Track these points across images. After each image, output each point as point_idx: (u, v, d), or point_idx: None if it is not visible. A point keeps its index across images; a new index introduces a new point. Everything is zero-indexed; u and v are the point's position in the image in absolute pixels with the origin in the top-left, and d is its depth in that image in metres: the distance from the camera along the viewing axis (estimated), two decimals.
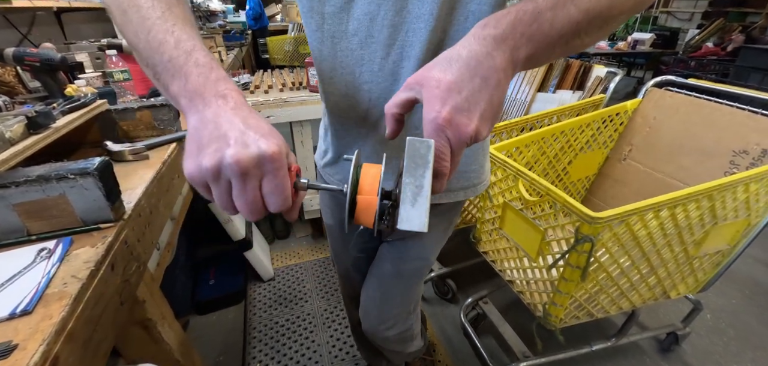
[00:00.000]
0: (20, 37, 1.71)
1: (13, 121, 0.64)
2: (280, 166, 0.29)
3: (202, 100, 0.30)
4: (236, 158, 0.27)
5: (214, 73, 0.32)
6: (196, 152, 0.29)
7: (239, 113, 0.30)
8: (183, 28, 0.34)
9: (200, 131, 0.29)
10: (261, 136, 0.28)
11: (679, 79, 1.20)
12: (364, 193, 0.32)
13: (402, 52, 0.49)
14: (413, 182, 0.29)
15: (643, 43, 4.83)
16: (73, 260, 0.50)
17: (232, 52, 2.69)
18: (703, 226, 0.84)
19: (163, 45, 0.33)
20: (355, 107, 0.56)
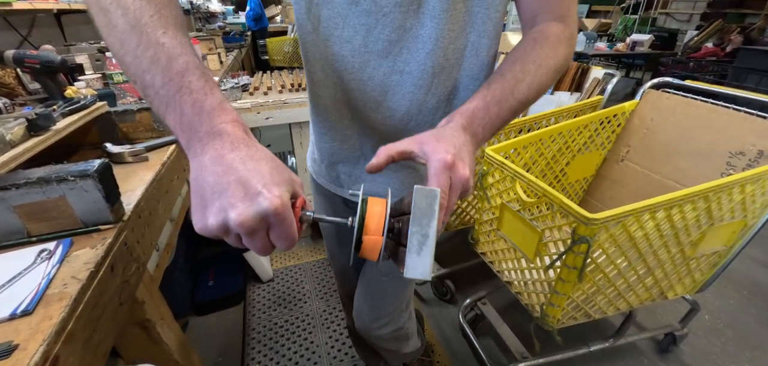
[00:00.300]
0: (20, 38, 1.71)
1: (13, 124, 0.65)
2: (283, 219, 0.28)
3: (199, 141, 0.29)
4: (240, 221, 0.27)
5: (209, 101, 0.30)
6: (201, 209, 0.28)
7: (238, 154, 0.28)
8: (175, 37, 0.31)
9: (201, 183, 0.28)
10: (263, 186, 0.27)
11: (676, 80, 1.21)
12: (371, 232, 0.33)
13: (396, 67, 0.49)
14: (419, 231, 0.30)
15: (642, 44, 4.84)
16: (73, 261, 0.51)
17: (231, 53, 2.69)
18: (700, 227, 0.85)
19: (153, 64, 0.29)
20: (341, 114, 0.57)
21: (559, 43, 0.46)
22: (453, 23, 0.47)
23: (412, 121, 0.54)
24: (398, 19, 0.46)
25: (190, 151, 0.30)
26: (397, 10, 0.46)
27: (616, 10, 8.24)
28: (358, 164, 0.62)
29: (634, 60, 5.63)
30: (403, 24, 0.47)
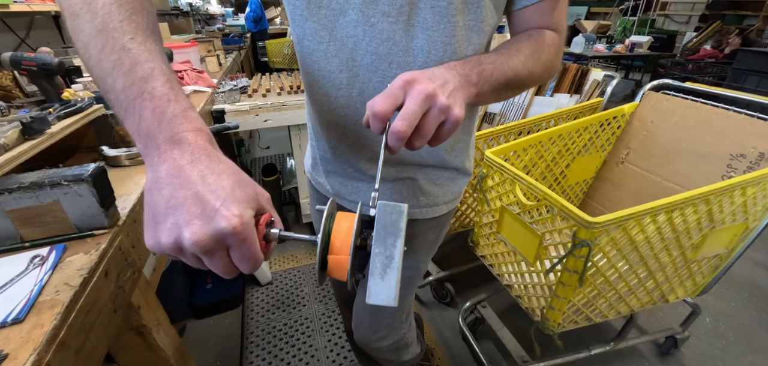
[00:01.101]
0: (18, 41, 1.70)
1: (7, 127, 0.64)
2: (243, 239, 0.25)
3: (156, 150, 0.27)
4: (194, 240, 0.24)
5: (171, 107, 0.27)
6: (153, 225, 0.26)
7: (197, 167, 0.26)
8: (144, 43, 0.29)
9: (154, 196, 0.26)
10: (222, 203, 0.25)
11: (676, 82, 1.21)
12: (335, 251, 0.30)
13: (386, 82, 0.47)
14: (383, 252, 0.28)
15: (641, 45, 4.85)
16: (66, 267, 0.50)
17: (230, 55, 2.69)
18: (701, 230, 0.84)
19: (116, 68, 0.28)
20: (330, 131, 0.56)
21: (551, 44, 0.48)
22: (445, 36, 0.46)
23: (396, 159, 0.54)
24: (386, 31, 0.44)
25: (146, 160, 0.27)
26: (386, 21, 0.44)
27: (614, 11, 8.26)
28: (351, 179, 0.61)
29: (633, 61, 5.64)
30: (392, 36, 0.45)
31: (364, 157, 0.57)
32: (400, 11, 0.43)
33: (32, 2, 1.60)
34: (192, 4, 4.45)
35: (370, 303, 0.28)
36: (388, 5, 0.43)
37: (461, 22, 0.46)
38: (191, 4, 4.22)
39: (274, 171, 1.87)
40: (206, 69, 1.94)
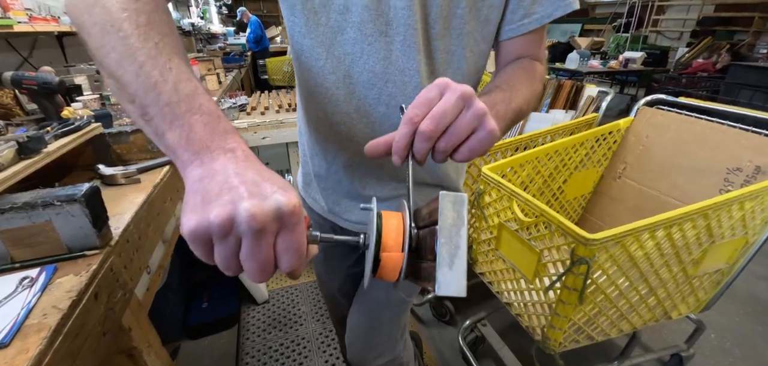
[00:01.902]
0: (21, 59, 1.73)
1: (3, 147, 0.64)
2: (298, 221, 0.26)
3: (209, 153, 0.27)
4: (252, 211, 0.23)
5: (222, 124, 0.29)
6: (201, 205, 0.24)
7: (252, 166, 0.27)
8: (180, 66, 0.30)
9: (206, 183, 0.25)
10: (279, 187, 0.26)
11: (670, 97, 1.22)
12: (389, 249, 0.29)
13: (382, 99, 0.48)
14: (449, 242, 0.27)
15: (634, 61, 4.93)
16: (55, 289, 0.49)
17: (230, 73, 2.73)
18: (701, 245, 0.83)
19: (159, 85, 0.28)
20: (327, 141, 0.56)
21: (540, 76, 0.49)
22: (440, 60, 0.47)
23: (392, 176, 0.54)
24: (383, 50, 0.45)
25: (194, 161, 0.27)
26: (383, 40, 0.45)
27: (607, 28, 8.45)
28: (347, 197, 0.61)
29: (628, 77, 5.74)
30: (388, 56, 0.46)
31: (359, 174, 0.57)
32: (396, 31, 0.44)
33: (36, 22, 1.63)
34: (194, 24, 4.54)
35: (441, 294, 0.27)
36: (385, 25, 0.44)
37: (450, 45, 0.47)
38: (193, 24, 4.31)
39: None
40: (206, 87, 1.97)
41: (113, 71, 0.30)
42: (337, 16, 0.44)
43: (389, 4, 0.43)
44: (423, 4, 0.44)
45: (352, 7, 0.44)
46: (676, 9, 7.45)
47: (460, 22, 0.46)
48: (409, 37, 0.45)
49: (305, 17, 0.46)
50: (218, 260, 0.26)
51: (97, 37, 0.31)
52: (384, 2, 0.43)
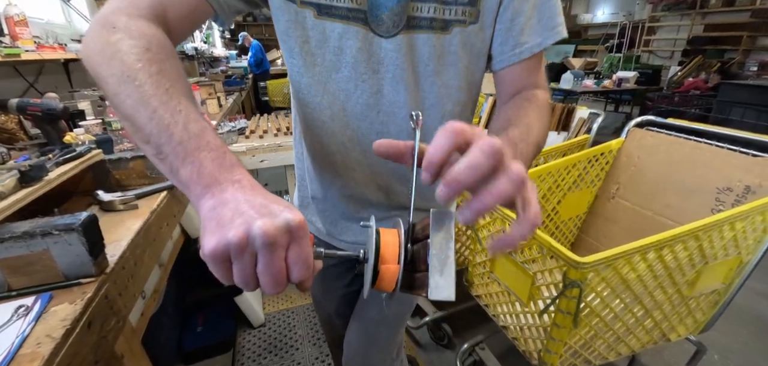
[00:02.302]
0: (27, 84, 1.77)
1: (6, 176, 0.66)
2: (305, 235, 0.29)
3: (219, 185, 0.30)
4: (265, 228, 0.26)
5: (228, 159, 0.32)
6: (218, 228, 0.27)
7: (258, 193, 0.30)
8: (189, 107, 0.33)
9: (219, 210, 0.28)
10: (285, 207, 0.29)
11: (658, 119, 1.25)
12: (387, 261, 0.33)
13: (374, 128, 0.51)
14: (440, 252, 0.31)
15: (628, 80, 5.03)
16: (49, 318, 0.49)
17: (231, 96, 2.78)
18: (694, 266, 0.84)
19: (171, 126, 0.31)
20: (323, 169, 0.58)
21: (546, 106, 0.49)
22: (426, 93, 0.49)
23: (396, 182, 0.56)
24: (375, 85, 0.48)
25: (206, 194, 0.30)
26: (374, 77, 0.48)
27: (600, 49, 8.65)
28: (343, 219, 0.63)
29: (622, 95, 5.84)
30: (380, 90, 0.49)
31: (355, 199, 0.59)
32: (387, 69, 0.48)
33: (43, 50, 1.68)
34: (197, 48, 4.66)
35: (433, 297, 0.30)
36: (377, 63, 0.47)
37: (441, 82, 0.49)
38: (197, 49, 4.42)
39: None
40: (207, 111, 2.01)
41: (129, 115, 0.33)
42: (332, 56, 0.48)
43: (380, 46, 0.47)
44: (411, 45, 0.47)
45: (345, 48, 0.47)
46: (666, 29, 7.67)
47: (455, 58, 0.49)
48: (399, 73, 0.48)
49: (303, 59, 0.49)
50: (237, 277, 0.28)
51: (114, 85, 0.34)
52: (375, 43, 0.47)
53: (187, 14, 0.43)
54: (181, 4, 0.43)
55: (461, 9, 0.46)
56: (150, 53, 0.35)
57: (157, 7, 0.40)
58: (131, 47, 0.35)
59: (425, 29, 0.46)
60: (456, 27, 0.46)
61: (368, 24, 0.46)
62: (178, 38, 0.44)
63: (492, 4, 0.47)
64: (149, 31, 0.37)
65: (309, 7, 0.45)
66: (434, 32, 0.46)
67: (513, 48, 0.49)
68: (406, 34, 0.46)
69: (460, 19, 0.46)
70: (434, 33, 0.46)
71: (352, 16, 0.45)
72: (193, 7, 0.44)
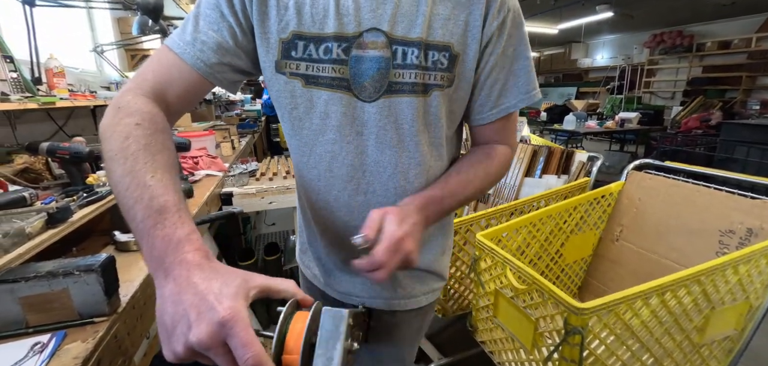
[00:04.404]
0: (55, 128, 1.89)
1: (34, 218, 0.71)
2: (235, 323, 0.29)
3: (163, 271, 0.32)
4: (198, 338, 0.28)
5: (177, 233, 0.33)
6: (168, 341, 0.30)
7: (192, 280, 0.31)
8: (161, 179, 0.36)
9: (164, 317, 0.31)
10: (214, 299, 0.29)
11: (656, 161, 1.28)
12: (288, 351, 0.32)
13: (360, 189, 0.54)
14: (324, 354, 0.31)
15: (631, 121, 5.12)
16: (63, 355, 0.52)
17: (244, 138, 2.92)
18: (701, 312, 0.82)
19: (138, 202, 0.34)
20: (316, 222, 0.61)
21: (502, 159, 0.58)
22: (410, 151, 0.52)
23: None
24: (360, 146, 0.52)
25: (156, 282, 0.32)
26: (359, 139, 0.51)
27: (602, 91, 8.87)
28: (337, 270, 0.64)
29: (626, 135, 5.90)
30: (364, 150, 0.52)
31: (342, 254, 0.61)
32: (370, 131, 0.51)
33: (75, 98, 1.83)
34: (215, 92, 4.93)
35: None
36: (361, 125, 0.51)
37: (425, 140, 0.53)
38: (214, 93, 4.69)
39: (276, 250, 1.90)
40: (220, 154, 2.11)
41: (113, 188, 0.38)
42: (318, 121, 0.52)
43: (363, 109, 0.50)
44: (393, 108, 0.50)
45: (331, 113, 0.51)
46: (665, 71, 7.87)
47: (435, 119, 0.53)
48: (382, 135, 0.51)
49: (291, 124, 0.54)
50: None
51: (106, 162, 0.39)
52: (359, 108, 0.50)
53: (185, 92, 0.48)
54: (180, 82, 0.47)
55: (440, 74, 0.50)
56: (140, 129, 0.39)
57: (157, 87, 0.46)
58: (126, 125, 0.39)
59: (407, 93, 0.49)
60: (435, 90, 0.51)
61: (351, 90, 0.49)
62: (178, 112, 0.50)
63: (467, 71, 0.52)
64: (145, 108, 0.42)
65: (297, 78, 0.50)
66: (416, 96, 0.50)
67: (490, 109, 0.55)
68: (388, 98, 0.49)
69: (439, 83, 0.51)
70: (416, 96, 0.50)
71: (336, 84, 0.49)
72: (191, 85, 0.48)
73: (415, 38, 0.48)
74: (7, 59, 1.45)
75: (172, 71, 0.47)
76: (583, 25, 6.83)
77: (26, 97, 1.40)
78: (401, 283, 0.61)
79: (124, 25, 2.66)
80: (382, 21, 0.47)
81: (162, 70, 0.47)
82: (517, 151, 1.62)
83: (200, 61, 0.47)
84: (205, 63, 0.47)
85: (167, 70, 0.47)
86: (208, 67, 0.48)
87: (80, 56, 2.33)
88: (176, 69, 0.47)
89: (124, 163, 0.37)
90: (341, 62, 0.49)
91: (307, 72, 0.50)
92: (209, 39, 0.47)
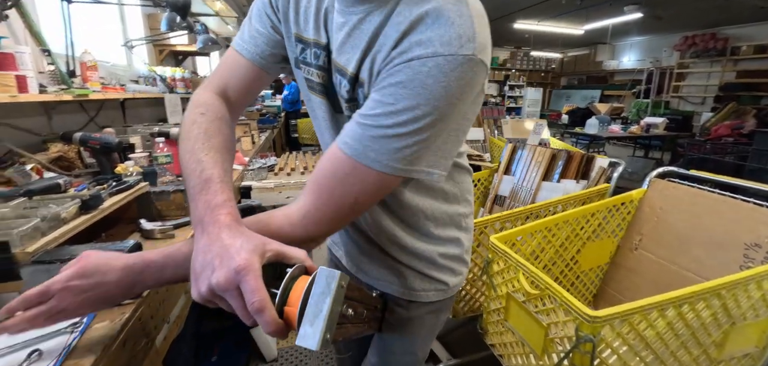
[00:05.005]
0: (88, 118, 2.00)
1: (69, 204, 0.76)
2: (247, 273, 0.34)
3: (201, 228, 0.39)
4: (216, 282, 0.35)
5: (216, 198, 0.41)
6: (195, 281, 0.37)
7: (225, 233, 0.37)
8: (213, 157, 0.45)
9: (195, 262, 0.37)
10: (235, 251, 0.35)
11: (680, 170, 1.23)
12: (290, 304, 0.37)
13: None
14: (315, 305, 0.35)
15: (656, 126, 4.90)
16: (92, 334, 0.56)
17: (264, 133, 2.99)
18: (720, 326, 0.80)
19: (193, 172, 0.43)
20: None
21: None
22: None
23: (386, 240, 0.60)
24: None
25: (195, 236, 0.40)
26: None
27: (627, 94, 8.55)
28: (361, 260, 0.67)
29: (651, 141, 5.67)
30: None
31: (356, 251, 0.65)
32: None
33: (106, 91, 1.92)
34: None
35: (298, 344, 0.34)
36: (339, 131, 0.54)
37: None
38: None
39: None
40: (241, 148, 2.17)
41: (180, 162, 0.47)
42: (317, 122, 0.58)
43: (338, 120, 0.54)
44: None
45: (319, 116, 0.57)
46: (696, 76, 7.50)
47: None
48: None
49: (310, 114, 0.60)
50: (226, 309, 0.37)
51: (179, 143, 0.49)
52: (336, 118, 0.54)
53: (243, 86, 0.56)
54: (238, 78, 0.56)
55: None
56: (203, 117, 0.50)
57: (220, 84, 0.56)
58: (194, 115, 0.50)
59: None
60: None
61: (329, 98, 0.54)
62: (239, 105, 0.57)
63: None
64: (210, 100, 0.53)
65: (304, 79, 0.56)
66: None
67: None
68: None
69: None
70: None
71: (320, 90, 0.54)
72: (249, 76, 0.56)
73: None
74: (45, 53, 1.55)
75: (233, 67, 0.56)
76: (610, 26, 6.59)
77: (62, 89, 1.49)
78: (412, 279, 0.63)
79: (153, 21, 2.77)
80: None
81: (225, 69, 0.57)
82: (535, 155, 1.59)
83: (256, 55, 0.55)
84: (260, 55, 0.55)
85: (229, 67, 0.56)
86: (261, 59, 0.55)
87: (112, 50, 2.45)
88: (236, 64, 0.56)
89: (187, 143, 0.47)
90: (323, 70, 0.52)
91: (306, 75, 0.55)
92: (260, 35, 0.55)
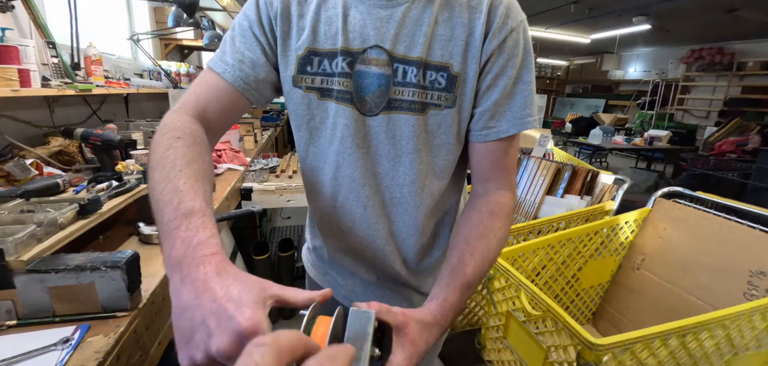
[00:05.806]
0: (90, 112, 1.98)
1: (67, 209, 0.75)
2: (255, 333, 0.28)
3: (180, 274, 0.31)
4: (218, 348, 0.28)
5: (197, 236, 0.33)
6: (185, 346, 0.30)
7: (210, 286, 0.31)
8: (193, 186, 0.37)
9: (181, 322, 0.30)
10: (235, 308, 0.29)
11: (686, 191, 1.22)
12: None
13: (360, 201, 0.56)
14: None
15: (660, 139, 4.88)
16: (85, 348, 0.55)
17: (266, 131, 2.97)
18: (722, 356, 0.78)
19: (168, 204, 0.36)
20: (321, 225, 0.64)
21: (510, 213, 0.53)
22: (407, 167, 0.54)
23: (379, 251, 0.59)
24: (361, 158, 0.54)
25: (171, 285, 0.32)
26: (360, 151, 0.54)
27: (632, 105, 8.52)
28: (343, 276, 0.66)
29: (654, 154, 5.64)
30: (365, 162, 0.55)
31: (349, 258, 0.64)
32: (371, 144, 0.54)
33: (110, 85, 1.91)
34: None
35: None
36: (362, 138, 0.54)
37: (422, 157, 0.54)
38: None
39: (290, 246, 1.94)
40: (243, 147, 2.16)
41: (150, 193, 0.40)
42: (329, 131, 0.55)
43: (364, 122, 0.53)
44: (392, 124, 0.52)
45: (338, 125, 0.54)
46: (701, 89, 7.48)
47: (431, 137, 0.54)
48: (382, 148, 0.54)
49: (309, 133, 0.57)
50: None
51: (148, 171, 0.42)
52: (361, 121, 0.53)
53: (224, 108, 0.52)
54: (220, 99, 0.51)
55: (438, 94, 0.51)
56: (180, 141, 0.43)
57: (199, 106, 0.50)
58: (168, 139, 0.43)
59: (405, 110, 0.52)
60: (432, 109, 0.52)
61: (354, 103, 0.52)
62: (219, 128, 0.53)
63: (470, 91, 0.52)
64: (186, 124, 0.46)
65: (313, 91, 0.54)
66: (414, 113, 0.52)
67: (481, 129, 0.53)
68: (388, 114, 0.52)
69: (436, 102, 0.52)
70: (414, 114, 0.52)
71: (342, 97, 0.52)
72: (230, 101, 0.52)
73: (414, 57, 0.50)
74: (49, 45, 1.53)
75: (213, 90, 0.51)
76: (618, 37, 6.56)
77: (65, 83, 1.47)
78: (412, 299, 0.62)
79: (160, 15, 2.76)
80: (385, 39, 0.50)
81: (204, 90, 0.52)
82: (540, 167, 1.57)
83: (239, 79, 0.51)
84: (243, 80, 0.51)
85: (208, 90, 0.51)
86: (244, 84, 0.51)
87: (117, 43, 2.43)
88: (216, 87, 0.51)
89: (162, 170, 0.39)
90: (346, 75, 0.51)
91: (322, 85, 0.53)
92: (245, 57, 0.51)
